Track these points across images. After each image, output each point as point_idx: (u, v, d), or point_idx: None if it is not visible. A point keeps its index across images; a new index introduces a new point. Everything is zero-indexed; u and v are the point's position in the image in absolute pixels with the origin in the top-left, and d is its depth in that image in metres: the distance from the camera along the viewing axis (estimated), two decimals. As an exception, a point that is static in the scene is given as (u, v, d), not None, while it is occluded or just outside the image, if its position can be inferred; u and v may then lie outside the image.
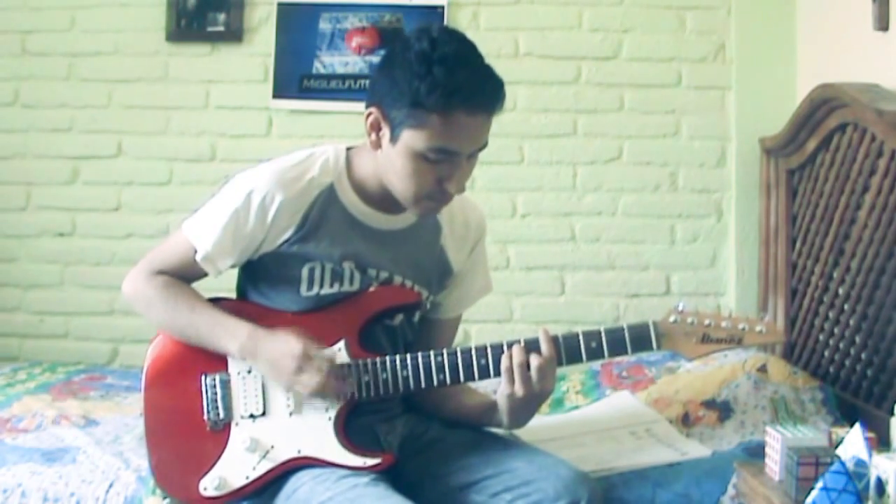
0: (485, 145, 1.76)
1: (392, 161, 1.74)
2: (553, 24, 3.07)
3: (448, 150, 1.70)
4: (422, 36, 1.69)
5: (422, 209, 1.80)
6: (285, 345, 1.74)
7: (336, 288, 1.83)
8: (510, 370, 1.73)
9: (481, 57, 1.72)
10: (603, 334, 1.77)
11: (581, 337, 1.77)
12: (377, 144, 1.77)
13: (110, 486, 1.91)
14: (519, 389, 1.73)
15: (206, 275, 1.86)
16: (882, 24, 2.35)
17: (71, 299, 3.12)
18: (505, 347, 1.76)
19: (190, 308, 1.81)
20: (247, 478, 1.77)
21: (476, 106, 1.68)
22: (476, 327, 2.96)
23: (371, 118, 1.75)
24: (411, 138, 1.70)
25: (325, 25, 3.06)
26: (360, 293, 1.83)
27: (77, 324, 3.13)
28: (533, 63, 3.07)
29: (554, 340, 1.76)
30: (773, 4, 3.02)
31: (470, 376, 1.78)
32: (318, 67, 3.06)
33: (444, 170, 1.72)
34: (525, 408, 1.80)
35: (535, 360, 1.72)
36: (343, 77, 3.05)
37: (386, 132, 1.74)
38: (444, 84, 1.64)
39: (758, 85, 3.01)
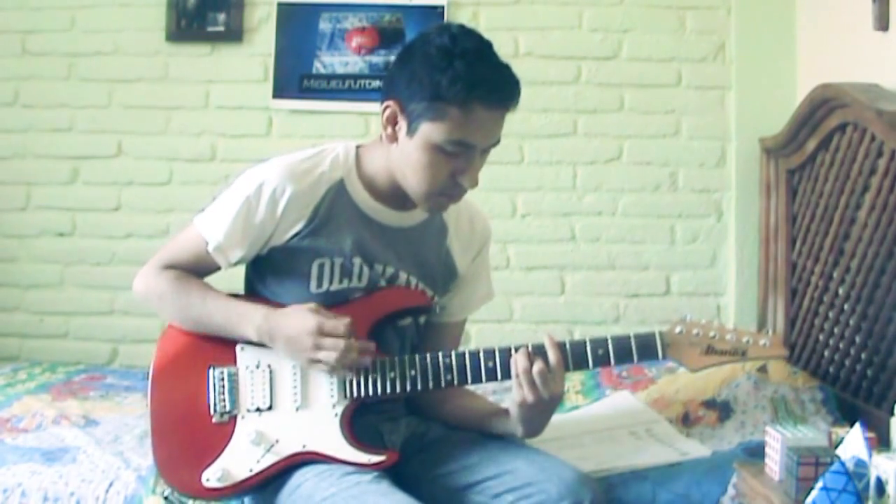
0: (498, 141, 1.79)
1: (408, 154, 1.76)
2: (553, 24, 3.07)
3: (466, 142, 1.72)
4: (442, 32, 1.73)
5: (432, 204, 1.81)
6: (301, 322, 1.74)
7: (345, 284, 1.83)
8: (518, 376, 1.74)
9: (498, 55, 1.76)
10: (610, 342, 1.79)
11: (588, 344, 1.78)
12: (393, 138, 1.78)
13: (110, 485, 1.91)
14: (528, 395, 1.73)
15: (217, 269, 1.86)
16: (882, 24, 2.35)
17: (71, 299, 3.12)
18: (512, 351, 1.76)
19: (202, 297, 1.82)
20: (250, 470, 1.77)
21: (495, 101, 1.72)
22: (476, 327, 2.95)
23: (388, 112, 1.77)
24: (430, 130, 1.72)
25: (325, 25, 3.06)
26: (370, 293, 1.84)
27: (77, 324, 3.13)
28: (533, 63, 3.06)
29: (560, 346, 1.77)
30: (773, 4, 3.02)
31: (477, 378, 1.78)
32: (318, 67, 3.06)
33: (459, 163, 1.74)
34: (538, 415, 1.81)
35: (538, 366, 1.72)
36: (343, 77, 3.05)
37: (403, 126, 1.75)
38: (464, 77, 1.68)
39: (758, 85, 3.01)
